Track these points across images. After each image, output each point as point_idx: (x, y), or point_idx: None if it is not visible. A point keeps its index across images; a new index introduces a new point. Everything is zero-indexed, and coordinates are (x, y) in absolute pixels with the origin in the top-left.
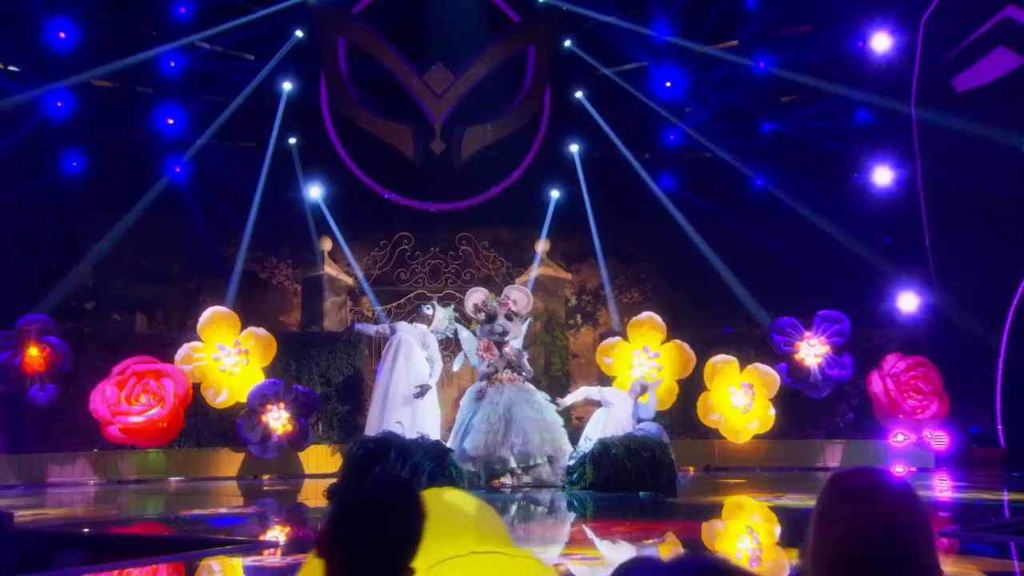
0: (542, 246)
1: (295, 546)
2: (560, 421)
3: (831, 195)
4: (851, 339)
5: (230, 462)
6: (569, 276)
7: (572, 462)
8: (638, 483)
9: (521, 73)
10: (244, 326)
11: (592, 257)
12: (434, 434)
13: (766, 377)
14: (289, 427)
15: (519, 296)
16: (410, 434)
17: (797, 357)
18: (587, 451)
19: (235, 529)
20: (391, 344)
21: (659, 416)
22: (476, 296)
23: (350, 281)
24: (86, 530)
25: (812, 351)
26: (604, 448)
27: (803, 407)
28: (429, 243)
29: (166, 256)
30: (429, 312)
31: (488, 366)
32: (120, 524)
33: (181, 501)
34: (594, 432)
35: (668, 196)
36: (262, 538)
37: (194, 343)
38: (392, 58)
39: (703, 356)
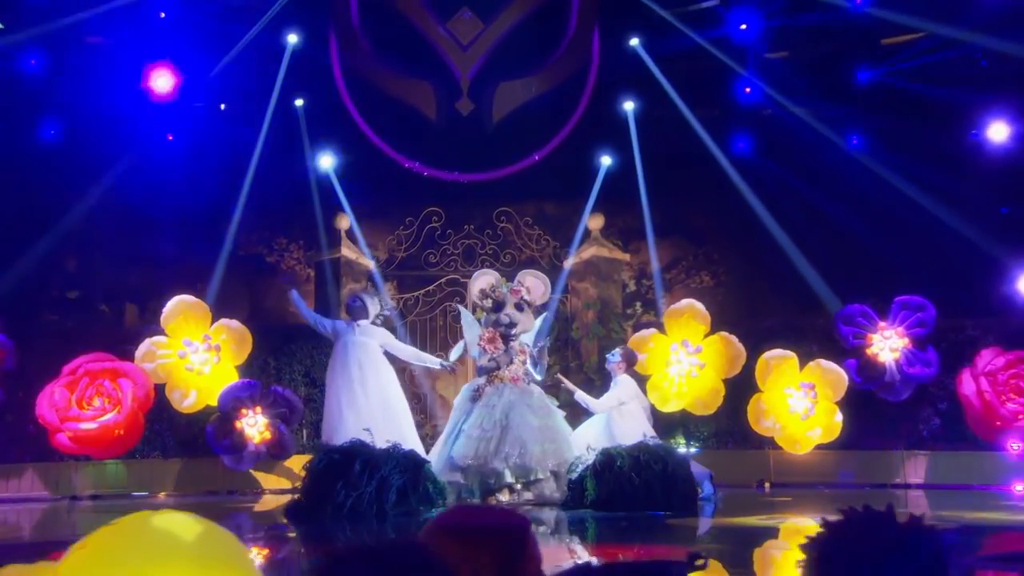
0: (594, 222)
1: None
2: (567, 430)
3: (937, 157)
4: (937, 330)
5: (200, 475)
6: (627, 257)
7: (574, 476)
8: (647, 500)
9: (563, 17)
10: (251, 317)
11: (654, 235)
12: (412, 442)
13: (831, 376)
14: (267, 434)
15: (535, 284)
16: (381, 442)
17: (869, 352)
18: (589, 463)
19: None
20: (340, 350)
21: (703, 423)
22: (483, 280)
23: (371, 265)
24: None
25: (888, 344)
26: (607, 459)
27: (877, 412)
28: (463, 220)
29: (161, 238)
30: (357, 304)
31: (489, 360)
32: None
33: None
34: (598, 438)
35: (742, 162)
36: None
37: (157, 338)
38: (410, 4)
39: (755, 351)
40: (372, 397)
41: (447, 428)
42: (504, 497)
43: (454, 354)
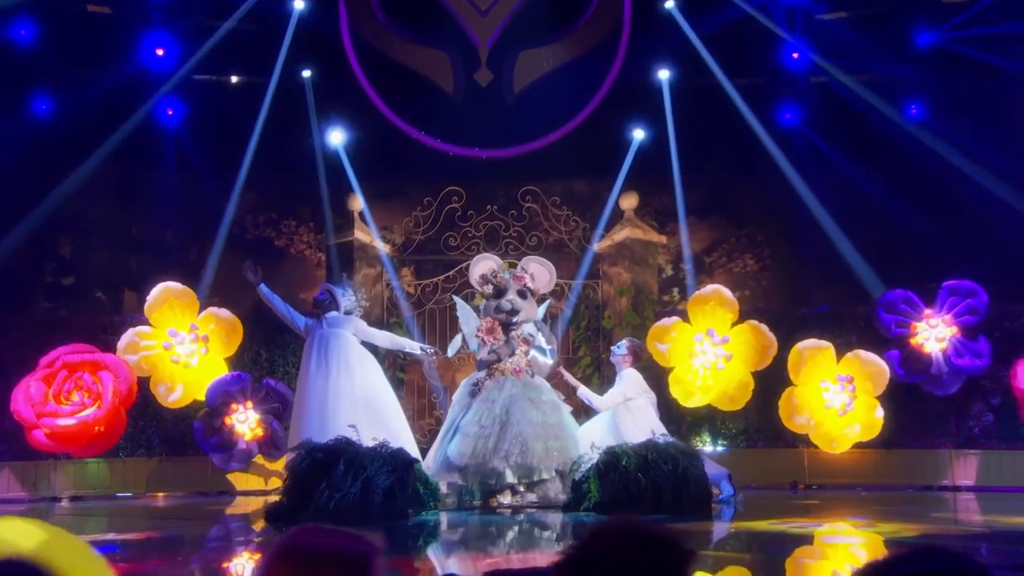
0: (627, 201)
1: None
2: (574, 427)
3: (999, 131)
4: (989, 318)
5: (187, 475)
6: (663, 239)
7: (577, 476)
8: (655, 503)
9: None
10: (258, 305)
11: (693, 215)
12: (404, 440)
13: (871, 368)
14: (259, 431)
15: (539, 271)
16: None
17: (914, 342)
18: (592, 463)
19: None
20: (312, 345)
21: (730, 420)
22: (484, 265)
23: (386, 249)
24: None
25: (934, 333)
26: (612, 458)
27: (922, 408)
28: (485, 200)
29: (160, 221)
30: (324, 298)
31: (489, 352)
32: None
33: (127, 523)
34: (603, 436)
35: (788, 135)
36: None
37: (141, 328)
38: None
39: (787, 341)
40: (357, 394)
41: (444, 425)
42: (506, 499)
43: (452, 348)
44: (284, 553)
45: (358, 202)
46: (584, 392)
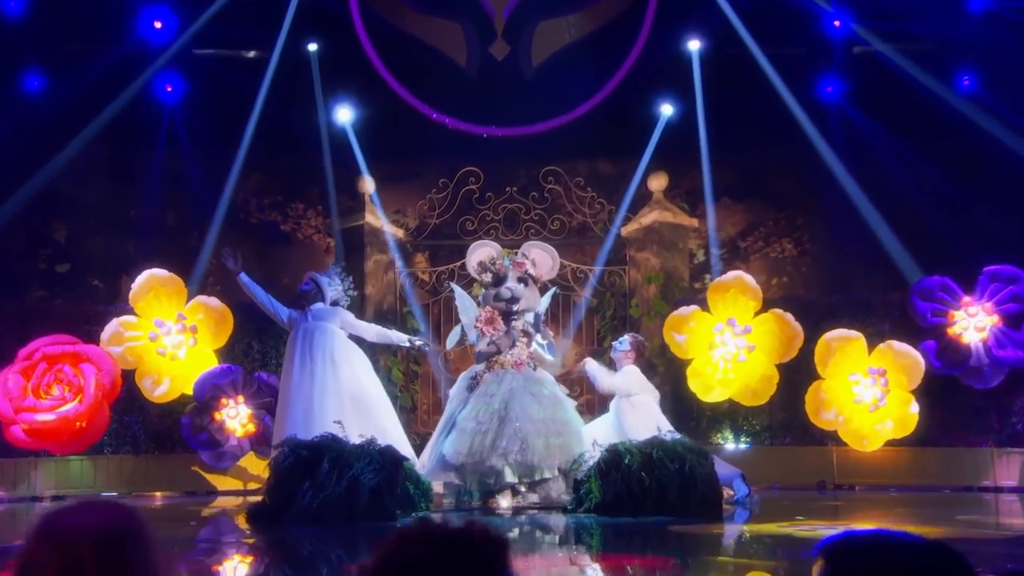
0: (656, 182)
1: None
2: (579, 423)
3: None
4: None
5: (176, 473)
6: (694, 222)
7: (579, 475)
8: (660, 504)
9: None
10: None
11: (727, 197)
12: (394, 437)
13: (905, 360)
14: (251, 427)
15: (541, 257)
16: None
17: (951, 331)
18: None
19: None
20: (296, 339)
21: (753, 415)
22: (482, 251)
23: (400, 233)
24: None
25: (974, 323)
26: (615, 456)
27: (960, 402)
28: (504, 181)
29: (160, 204)
30: (309, 288)
31: (488, 344)
32: None
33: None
34: (607, 433)
35: (829, 110)
36: None
37: (125, 318)
38: None
39: (814, 331)
40: (344, 391)
41: (441, 421)
42: (506, 500)
43: (450, 341)
44: (40, 533)
45: (369, 184)
46: (592, 366)
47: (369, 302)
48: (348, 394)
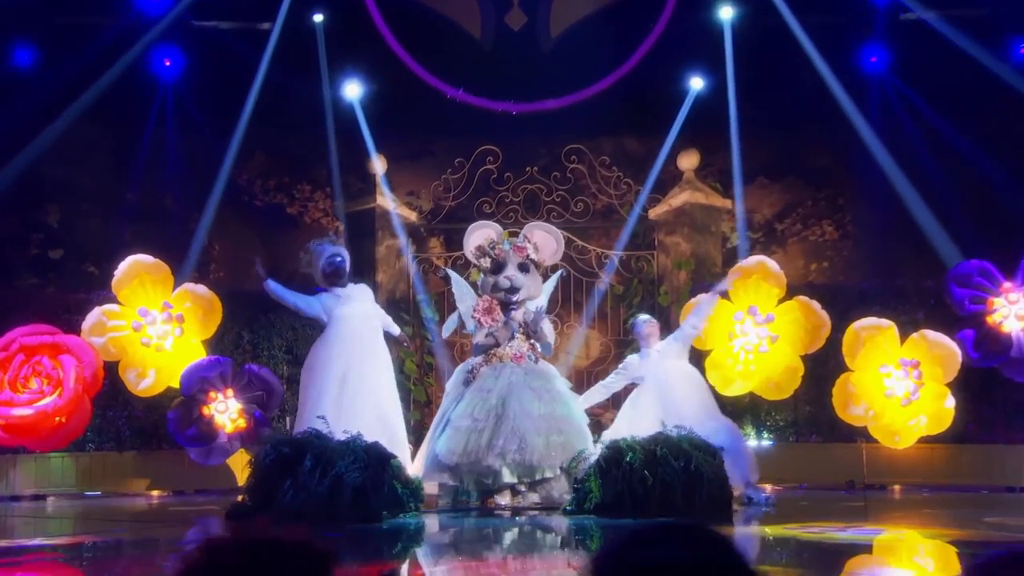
0: (687, 160)
1: None
2: (582, 418)
3: None
4: None
5: (162, 471)
6: (728, 204)
7: (580, 474)
8: (664, 504)
9: None
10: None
11: (763, 176)
12: (399, 439)
13: (940, 350)
14: (241, 422)
15: (544, 240)
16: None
17: (991, 320)
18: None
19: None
20: (330, 331)
21: (776, 410)
22: (480, 234)
23: (412, 216)
24: None
25: (1015, 310)
26: (614, 453)
27: (1000, 396)
28: (524, 160)
29: (158, 185)
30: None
31: (487, 335)
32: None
33: (94, 525)
34: (623, 427)
35: (872, 83)
36: None
37: (108, 306)
38: None
39: (842, 319)
40: (378, 386)
41: (435, 418)
42: (504, 500)
43: (446, 329)
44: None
45: (381, 164)
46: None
47: (380, 290)
48: (376, 397)
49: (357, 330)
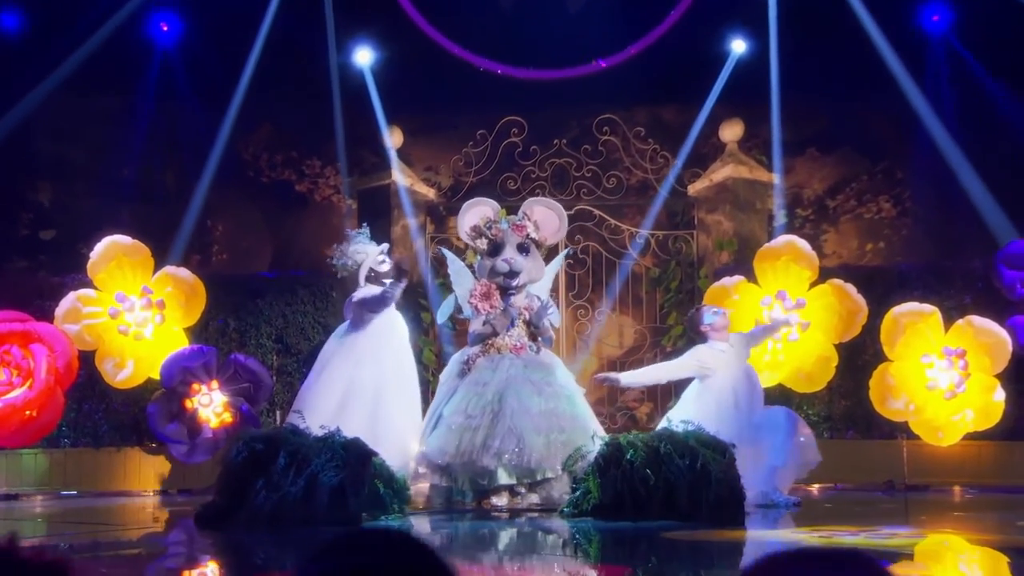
0: (730, 131)
1: None
2: (587, 413)
3: None
4: None
5: (143, 468)
6: (773, 178)
7: (579, 473)
8: (666, 506)
9: None
10: (274, 263)
11: (813, 147)
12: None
13: (988, 338)
14: (227, 416)
15: (545, 216)
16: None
17: None
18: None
19: None
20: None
21: (808, 403)
22: (476, 211)
23: (431, 194)
24: None
25: None
26: (615, 451)
27: None
28: (552, 132)
29: (157, 161)
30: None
31: (484, 323)
32: None
33: (69, 527)
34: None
35: (932, 45)
36: None
37: (83, 291)
38: None
39: (881, 305)
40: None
41: (427, 414)
42: (501, 500)
43: (441, 314)
44: None
45: (397, 137)
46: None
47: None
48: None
49: (385, 332)
